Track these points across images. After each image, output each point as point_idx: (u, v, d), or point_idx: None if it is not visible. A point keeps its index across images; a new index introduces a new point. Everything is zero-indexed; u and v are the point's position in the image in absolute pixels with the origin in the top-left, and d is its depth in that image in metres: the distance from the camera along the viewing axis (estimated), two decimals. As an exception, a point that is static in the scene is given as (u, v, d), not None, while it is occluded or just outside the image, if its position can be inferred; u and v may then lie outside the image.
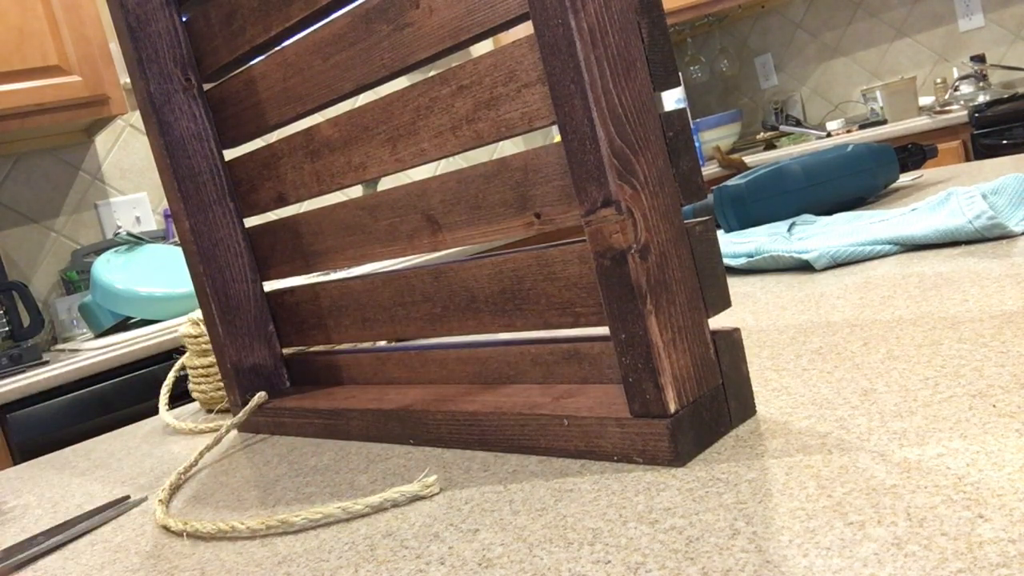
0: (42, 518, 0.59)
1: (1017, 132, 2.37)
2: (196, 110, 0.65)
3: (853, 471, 0.33)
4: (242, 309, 0.67)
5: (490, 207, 0.47)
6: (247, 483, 0.55)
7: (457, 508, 0.41)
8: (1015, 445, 0.32)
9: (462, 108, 0.46)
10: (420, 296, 0.54)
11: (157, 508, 0.53)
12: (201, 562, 0.43)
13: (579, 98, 0.38)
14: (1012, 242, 0.65)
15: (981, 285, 0.55)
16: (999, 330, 0.46)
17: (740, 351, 0.43)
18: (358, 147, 0.54)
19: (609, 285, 0.39)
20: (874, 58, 3.30)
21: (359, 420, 0.57)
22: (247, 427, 0.68)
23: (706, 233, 0.42)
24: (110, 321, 1.96)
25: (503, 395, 0.49)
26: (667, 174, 0.40)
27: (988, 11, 2.99)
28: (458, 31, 0.45)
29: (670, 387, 0.39)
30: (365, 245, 0.57)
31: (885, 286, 0.62)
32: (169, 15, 0.64)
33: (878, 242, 0.73)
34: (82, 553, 0.50)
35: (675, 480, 0.37)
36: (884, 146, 1.06)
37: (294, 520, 0.43)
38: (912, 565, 0.26)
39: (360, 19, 0.51)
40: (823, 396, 0.43)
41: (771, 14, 3.56)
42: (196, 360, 0.80)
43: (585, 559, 0.32)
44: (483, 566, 0.34)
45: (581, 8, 0.37)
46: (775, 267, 0.79)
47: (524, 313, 0.48)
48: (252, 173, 0.64)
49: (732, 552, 0.30)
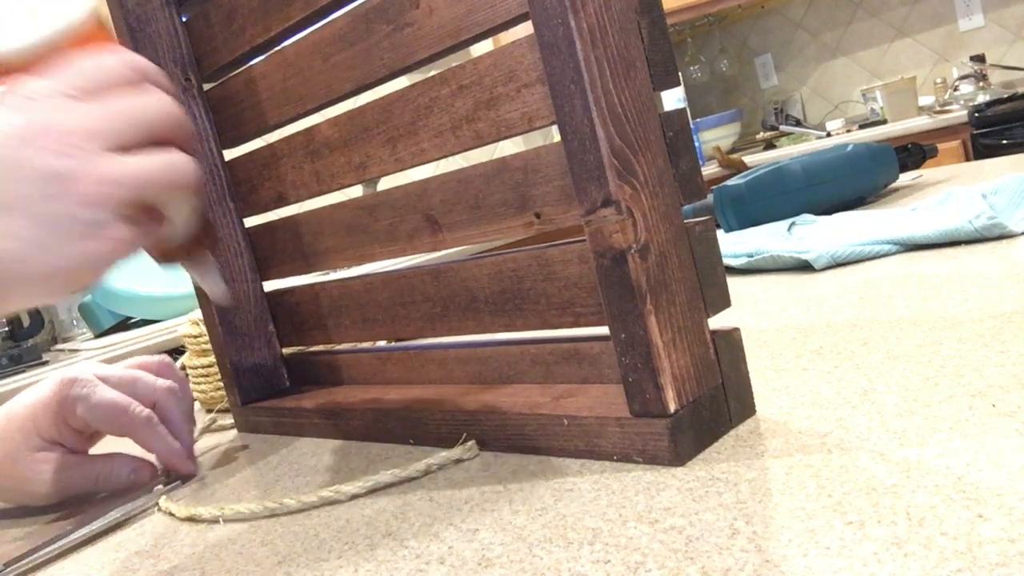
0: (42, 518, 0.59)
1: (1017, 132, 2.37)
2: (196, 110, 0.65)
3: (853, 471, 0.33)
4: (242, 309, 0.67)
5: (490, 207, 0.47)
6: (247, 483, 0.55)
7: (457, 508, 0.41)
8: (1015, 445, 0.32)
9: (462, 108, 0.46)
10: (420, 296, 0.54)
11: (161, 500, 0.53)
12: (201, 562, 0.43)
13: (579, 98, 0.38)
14: (1012, 242, 0.65)
15: (981, 285, 0.55)
16: (999, 330, 0.46)
17: (740, 351, 0.43)
18: (358, 147, 0.54)
19: (609, 285, 0.39)
20: (874, 58, 3.30)
21: (359, 420, 0.57)
22: (247, 427, 0.68)
23: (706, 233, 0.42)
24: (110, 321, 1.96)
25: (503, 395, 0.49)
26: (667, 174, 0.40)
27: (988, 11, 2.99)
28: (458, 31, 0.45)
29: (670, 387, 0.39)
30: (365, 245, 0.57)
31: (885, 286, 0.62)
32: (169, 15, 0.64)
33: (878, 242, 0.73)
34: (81, 552, 0.50)
35: (675, 480, 0.37)
36: (884, 146, 1.06)
37: (347, 490, 0.46)
38: (912, 565, 0.26)
39: (360, 19, 0.51)
40: (823, 396, 0.43)
41: (771, 14, 3.56)
42: (196, 360, 0.80)
43: (585, 559, 0.32)
44: (483, 566, 0.34)
45: (581, 8, 0.37)
46: (775, 267, 0.79)
47: (524, 313, 0.48)
48: (252, 173, 0.64)
49: (732, 552, 0.30)
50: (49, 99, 0.38)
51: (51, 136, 0.37)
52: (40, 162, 0.37)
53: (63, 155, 0.37)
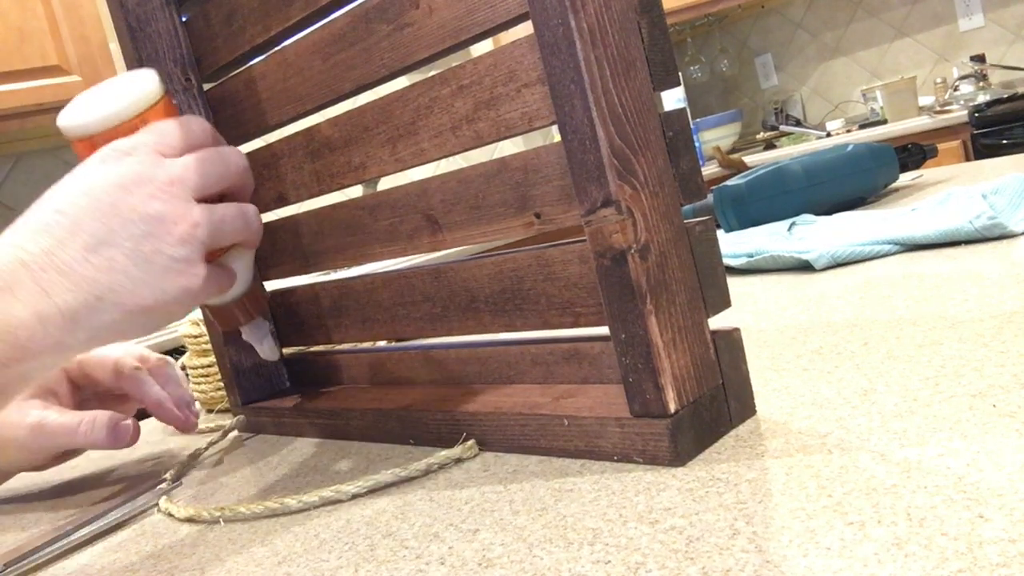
0: (42, 518, 0.59)
1: (1017, 132, 2.37)
2: (196, 110, 0.65)
3: (853, 471, 0.33)
4: (242, 309, 0.67)
5: (490, 207, 0.47)
6: (247, 483, 0.55)
7: (457, 508, 0.41)
8: (1015, 445, 0.32)
9: (462, 108, 0.46)
10: (420, 296, 0.54)
11: (161, 501, 0.53)
12: (201, 562, 0.43)
13: (579, 98, 0.38)
14: (1012, 242, 0.65)
15: (981, 285, 0.55)
16: (999, 330, 0.46)
17: (740, 351, 0.43)
18: (358, 147, 0.54)
19: (609, 285, 0.39)
20: (874, 58, 3.30)
21: (359, 420, 0.57)
22: (247, 427, 0.68)
23: (706, 233, 0.42)
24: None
25: (503, 395, 0.49)
26: (667, 174, 0.40)
27: (988, 11, 2.99)
28: (458, 31, 0.45)
29: (670, 387, 0.39)
30: (365, 245, 0.57)
31: (885, 286, 0.62)
32: (169, 15, 0.64)
33: (878, 242, 0.73)
34: (81, 552, 0.50)
35: (675, 480, 0.37)
36: (884, 146, 1.06)
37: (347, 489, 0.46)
38: (912, 565, 0.26)
39: (360, 19, 0.51)
40: (823, 396, 0.43)
41: (771, 14, 3.56)
42: (196, 360, 0.80)
43: (585, 559, 0.32)
44: (483, 566, 0.34)
45: (581, 8, 0.37)
46: (775, 267, 0.79)
47: (524, 313, 0.48)
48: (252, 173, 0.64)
49: (732, 552, 0.30)
50: (143, 154, 0.44)
51: (148, 184, 0.43)
52: (140, 206, 0.43)
53: (158, 199, 0.43)
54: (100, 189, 0.43)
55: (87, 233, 0.42)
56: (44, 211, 0.43)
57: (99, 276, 0.41)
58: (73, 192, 0.43)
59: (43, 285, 0.40)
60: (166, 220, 0.43)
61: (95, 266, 0.41)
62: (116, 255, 0.42)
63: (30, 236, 0.42)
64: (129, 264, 0.42)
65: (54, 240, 0.41)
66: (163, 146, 0.45)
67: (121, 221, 0.42)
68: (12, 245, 0.41)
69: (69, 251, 0.41)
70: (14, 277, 0.40)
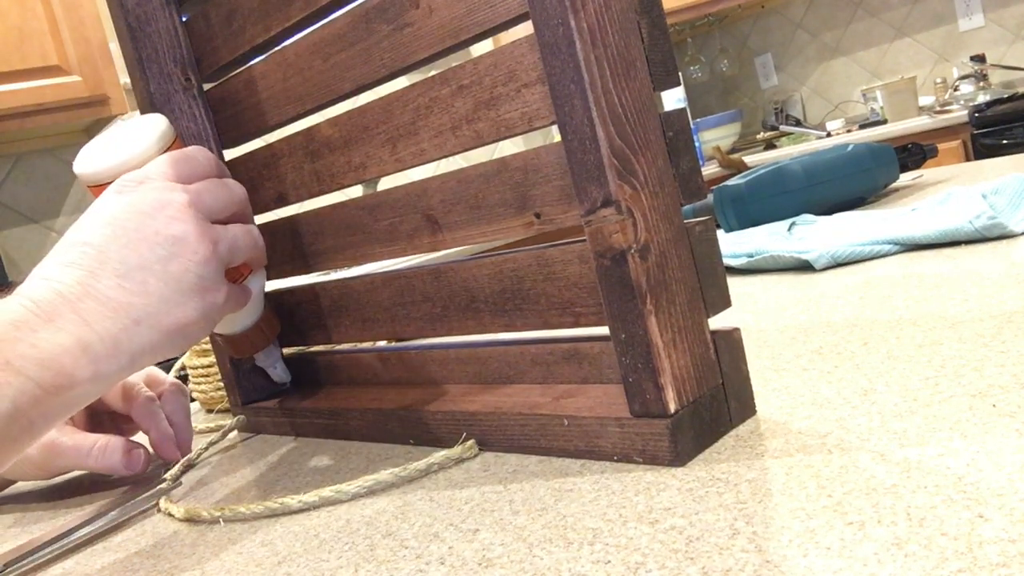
0: (42, 518, 0.59)
1: (1017, 132, 2.37)
2: (196, 110, 0.65)
3: (853, 471, 0.33)
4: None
5: (490, 207, 0.47)
6: (247, 483, 0.55)
7: (457, 508, 0.41)
8: (1015, 445, 0.32)
9: (462, 108, 0.46)
10: (420, 296, 0.54)
11: (162, 502, 0.53)
12: (201, 562, 0.43)
13: (579, 98, 0.38)
14: (1012, 242, 0.65)
15: (981, 285, 0.55)
16: (999, 330, 0.46)
17: (740, 351, 0.43)
18: (358, 147, 0.54)
19: (609, 285, 0.39)
20: (874, 58, 3.30)
21: (359, 420, 0.57)
22: (247, 427, 0.68)
23: (706, 233, 0.42)
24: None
25: (503, 395, 0.49)
26: (667, 174, 0.40)
27: (988, 11, 2.99)
28: (458, 31, 0.45)
29: (670, 387, 0.39)
30: (365, 245, 0.57)
31: (885, 286, 0.62)
32: (169, 15, 0.64)
33: (878, 242, 0.73)
34: (81, 552, 0.50)
35: (675, 480, 0.37)
36: (884, 146, 1.06)
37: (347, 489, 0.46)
38: (912, 565, 0.26)
39: (360, 19, 0.51)
40: (823, 396, 0.43)
41: (771, 14, 3.56)
42: (196, 360, 0.80)
43: (585, 559, 0.32)
44: (483, 566, 0.34)
45: (581, 8, 0.37)
46: (775, 267, 0.79)
47: (524, 313, 0.48)
48: (252, 173, 0.64)
49: (732, 552, 0.30)
50: (157, 181, 0.47)
51: (167, 207, 0.45)
52: (163, 228, 0.44)
53: (179, 221, 0.45)
54: (122, 217, 0.44)
55: (116, 260, 0.43)
56: (70, 245, 0.44)
57: (134, 300, 0.43)
58: (96, 223, 0.44)
59: (82, 314, 0.41)
60: (189, 240, 0.45)
61: (129, 291, 0.43)
62: (148, 278, 0.43)
63: (61, 269, 0.42)
64: (161, 285, 0.43)
65: (85, 271, 0.42)
66: (174, 174, 0.47)
67: (147, 245, 0.44)
68: (45, 279, 0.42)
69: (102, 280, 0.42)
70: (53, 308, 0.41)
